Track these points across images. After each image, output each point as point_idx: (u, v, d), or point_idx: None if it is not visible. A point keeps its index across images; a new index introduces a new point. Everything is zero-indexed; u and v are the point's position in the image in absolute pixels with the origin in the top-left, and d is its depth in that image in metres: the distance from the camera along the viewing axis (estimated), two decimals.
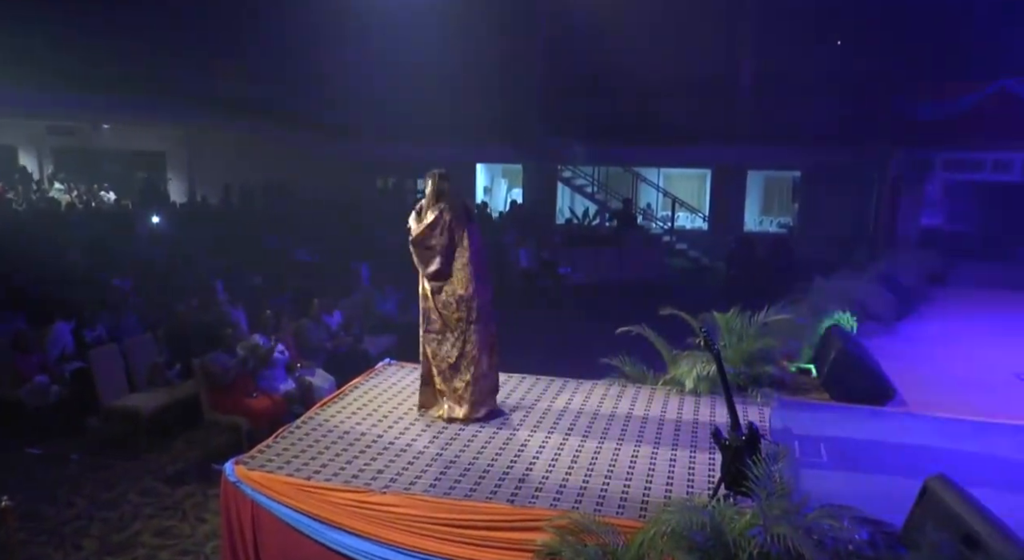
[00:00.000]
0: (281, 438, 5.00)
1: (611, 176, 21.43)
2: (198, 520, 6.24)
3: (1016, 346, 8.24)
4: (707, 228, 21.02)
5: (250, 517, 4.48)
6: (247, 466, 4.57)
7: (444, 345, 5.47)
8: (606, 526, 3.94)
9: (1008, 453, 5.18)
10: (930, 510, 3.65)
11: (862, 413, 5.89)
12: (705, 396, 6.08)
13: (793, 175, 20.65)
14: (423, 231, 5.36)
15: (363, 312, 10.29)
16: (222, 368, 7.21)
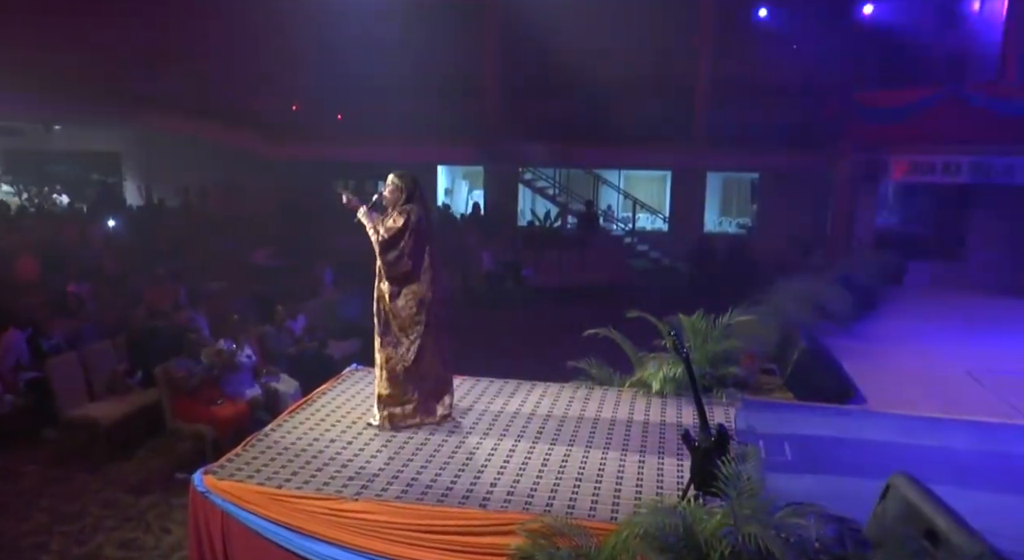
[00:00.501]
0: (250, 446, 4.95)
1: (572, 178, 21.54)
2: (162, 531, 6.14)
3: (968, 344, 8.50)
4: (667, 229, 21.24)
5: (220, 528, 4.42)
6: (216, 475, 4.50)
7: (400, 348, 5.37)
8: (578, 529, 3.97)
9: (963, 449, 5.34)
10: (894, 507, 3.76)
11: (824, 412, 6.02)
12: (671, 397, 6.15)
13: (752, 177, 20.97)
14: (394, 234, 5.27)
15: (327, 316, 10.21)
16: (186, 375, 7.10)
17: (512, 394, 6.20)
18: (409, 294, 5.32)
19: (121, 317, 9.40)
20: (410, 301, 5.32)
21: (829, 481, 4.83)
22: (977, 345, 8.44)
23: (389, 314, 5.38)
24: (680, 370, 6.19)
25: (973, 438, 5.50)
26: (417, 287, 5.33)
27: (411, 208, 5.31)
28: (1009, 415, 6.12)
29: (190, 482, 4.55)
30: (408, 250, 5.27)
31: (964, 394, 6.75)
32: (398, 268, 5.30)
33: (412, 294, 5.32)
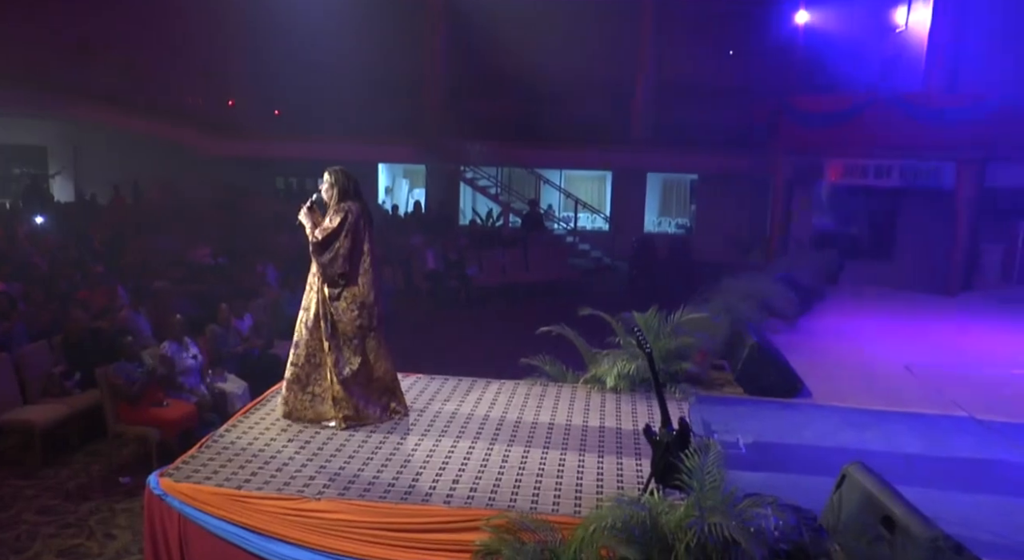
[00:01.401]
0: (205, 447, 4.83)
1: (514, 177, 21.62)
2: (107, 537, 5.95)
3: (904, 340, 8.84)
4: (608, 229, 21.49)
5: (177, 532, 4.30)
6: (172, 478, 4.38)
7: (346, 351, 5.24)
8: (543, 523, 3.99)
9: (905, 440, 5.56)
10: (849, 495, 3.89)
11: (774, 406, 6.20)
12: (625, 393, 6.24)
13: (691, 178, 21.37)
14: (329, 233, 5.14)
15: (272, 315, 10.02)
16: (128, 378, 6.88)
17: (468, 392, 6.19)
18: (350, 297, 5.21)
19: (55, 318, 9.04)
20: (351, 304, 5.21)
21: (781, 473, 4.96)
22: (912, 341, 8.78)
23: (332, 317, 5.23)
24: (634, 366, 6.32)
25: (915, 430, 5.73)
26: (358, 290, 5.21)
27: (347, 206, 5.19)
28: (946, 408, 6.38)
29: (145, 485, 4.41)
30: (344, 252, 5.14)
31: (904, 388, 7.01)
32: (333, 269, 5.16)
33: (352, 297, 5.20)
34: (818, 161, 14.25)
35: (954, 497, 4.69)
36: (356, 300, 5.22)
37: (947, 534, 3.25)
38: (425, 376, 6.53)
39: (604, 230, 21.58)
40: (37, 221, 15.15)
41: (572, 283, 16.39)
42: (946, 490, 4.78)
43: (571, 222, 21.07)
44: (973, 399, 6.62)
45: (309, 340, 5.28)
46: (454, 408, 5.78)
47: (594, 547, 3.78)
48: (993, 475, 5.17)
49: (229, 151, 20.38)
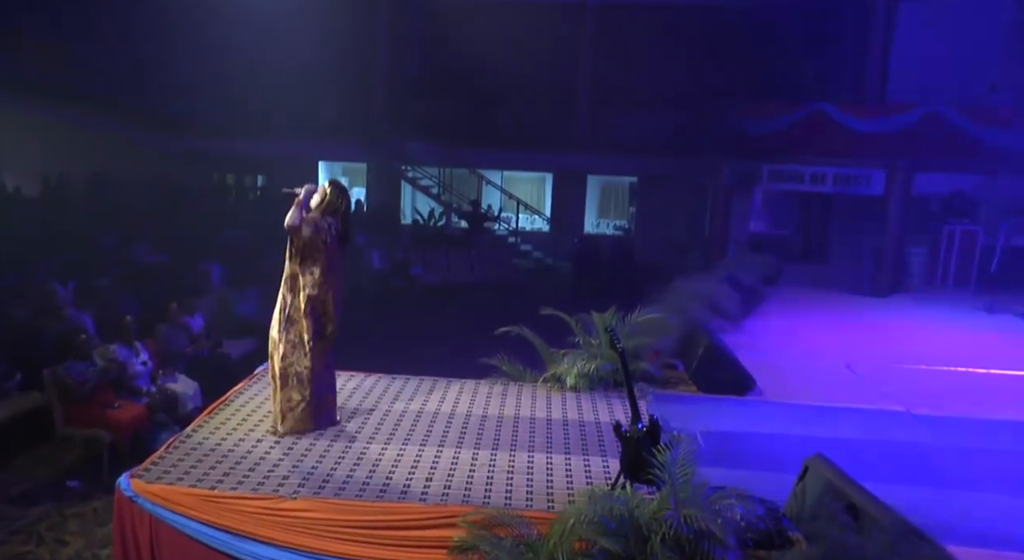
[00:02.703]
0: (173, 448, 4.78)
1: (455, 177, 21.66)
2: (58, 543, 5.79)
3: (843, 339, 9.25)
4: (548, 230, 21.71)
5: (148, 534, 4.25)
6: (143, 479, 4.33)
7: (295, 352, 5.20)
8: (519, 519, 4.10)
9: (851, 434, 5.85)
10: (812, 486, 4.10)
11: (727, 403, 6.43)
12: (585, 392, 6.38)
13: (630, 181, 21.75)
14: (303, 222, 5.12)
15: (220, 314, 9.86)
16: (79, 378, 6.71)
17: (430, 391, 6.24)
18: (306, 299, 5.18)
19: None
20: (308, 308, 5.18)
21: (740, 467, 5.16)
22: (850, 340, 9.19)
23: (289, 318, 5.23)
24: (594, 366, 6.47)
25: (859, 424, 6.04)
26: (320, 294, 5.17)
27: (330, 221, 5.21)
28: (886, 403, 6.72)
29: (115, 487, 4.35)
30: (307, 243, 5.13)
31: (846, 385, 7.36)
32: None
33: (309, 296, 5.17)
34: (756, 167, 14.71)
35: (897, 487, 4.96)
36: (313, 300, 5.17)
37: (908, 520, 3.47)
38: (386, 376, 6.55)
39: (544, 231, 21.79)
40: None
41: (516, 283, 16.54)
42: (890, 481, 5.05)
43: (510, 223, 21.22)
44: (909, 395, 6.99)
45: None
46: (419, 407, 5.82)
47: (570, 540, 3.91)
48: (931, 466, 5.49)
49: (166, 145, 19.87)
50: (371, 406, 5.77)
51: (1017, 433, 6.17)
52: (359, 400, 5.89)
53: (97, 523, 6.06)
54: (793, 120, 14.24)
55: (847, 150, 13.88)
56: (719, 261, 13.62)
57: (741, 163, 15.03)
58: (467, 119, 20.18)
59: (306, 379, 5.15)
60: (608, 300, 7.41)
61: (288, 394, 5.15)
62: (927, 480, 5.21)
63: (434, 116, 20.04)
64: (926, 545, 3.33)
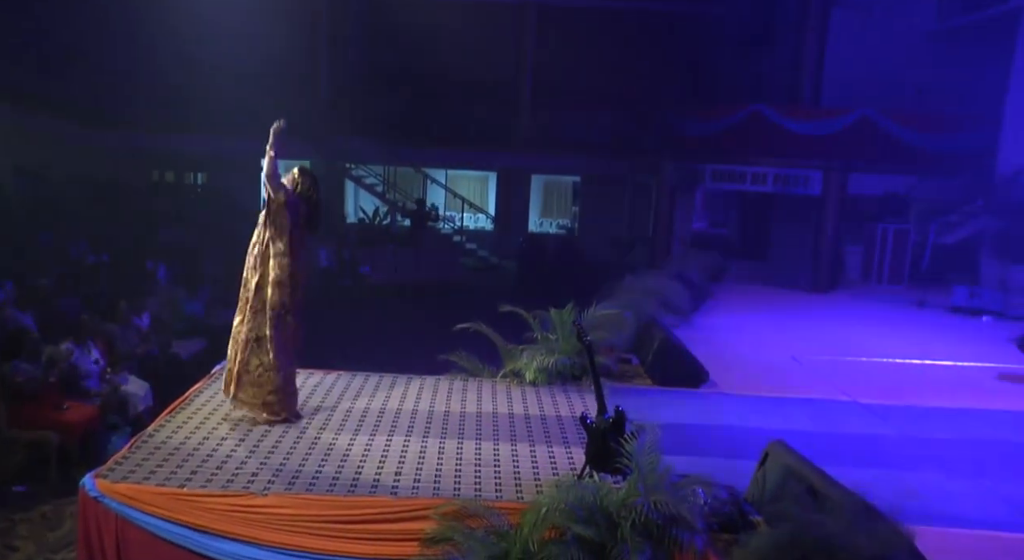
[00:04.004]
0: (136, 447, 4.70)
1: (400, 175, 21.59)
2: (8, 549, 5.63)
3: (786, 332, 9.59)
4: (493, 228, 21.81)
5: (114, 535, 4.18)
6: (109, 479, 4.26)
7: (258, 316, 5.23)
8: (490, 509, 4.18)
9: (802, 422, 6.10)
10: (773, 471, 4.28)
11: (682, 395, 6.62)
12: (543, 386, 6.48)
13: (573, 180, 22.00)
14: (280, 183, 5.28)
15: (168, 314, 9.67)
16: (26, 378, 6.53)
17: (391, 388, 6.26)
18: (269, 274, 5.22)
19: None
20: (272, 272, 5.22)
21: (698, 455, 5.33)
22: (793, 334, 9.53)
23: (250, 300, 5.26)
24: (552, 361, 6.59)
25: (809, 413, 6.29)
26: (279, 257, 5.21)
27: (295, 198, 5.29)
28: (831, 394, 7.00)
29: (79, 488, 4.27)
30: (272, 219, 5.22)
31: (793, 376, 7.64)
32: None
33: (274, 264, 5.21)
34: (698, 166, 15.07)
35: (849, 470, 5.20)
36: (278, 273, 5.21)
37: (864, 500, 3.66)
38: (346, 373, 6.55)
39: (488, 229, 21.87)
40: None
41: (462, 282, 16.59)
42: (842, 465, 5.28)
43: (456, 221, 21.24)
44: (853, 385, 7.30)
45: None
46: (380, 404, 5.85)
47: (544, 528, 4.01)
48: (878, 450, 5.77)
49: (101, 141, 19.29)
50: (334, 402, 5.77)
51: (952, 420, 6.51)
52: (321, 396, 5.88)
53: (47, 528, 5.92)
54: (732, 121, 14.61)
55: (785, 151, 14.31)
56: (665, 259, 13.91)
57: (683, 163, 15.36)
58: (410, 117, 20.13)
59: (267, 346, 5.19)
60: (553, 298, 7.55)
61: (246, 357, 5.20)
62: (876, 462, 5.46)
63: (377, 114, 19.92)
64: (882, 523, 3.52)
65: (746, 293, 12.14)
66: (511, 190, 21.72)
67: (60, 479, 6.51)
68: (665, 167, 15.81)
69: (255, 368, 5.21)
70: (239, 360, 5.25)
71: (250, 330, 5.22)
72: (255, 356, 5.22)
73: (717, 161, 14.86)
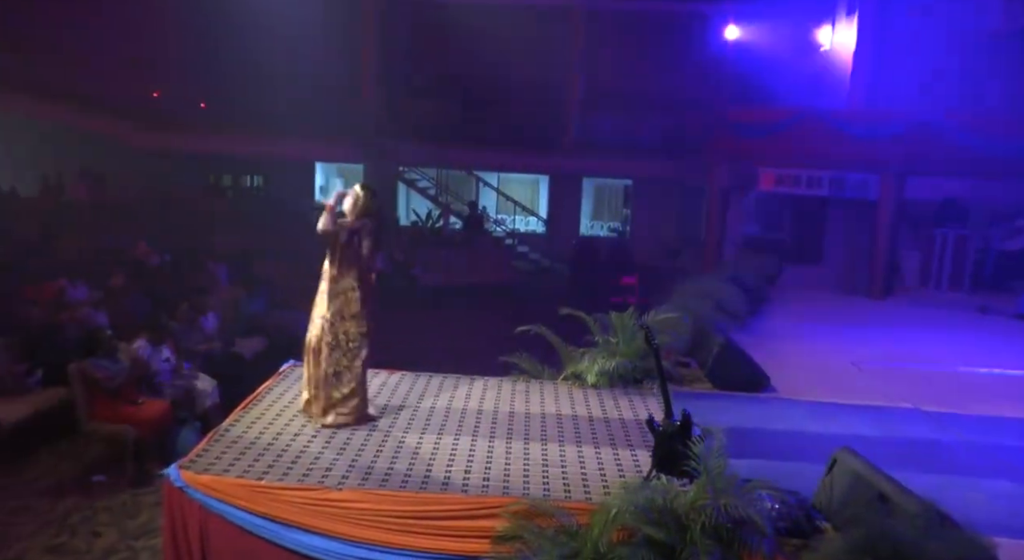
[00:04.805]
0: (214, 442, 4.88)
1: (452, 178, 21.80)
2: (92, 535, 5.86)
3: (845, 338, 9.47)
4: (542, 231, 21.88)
5: (198, 524, 4.36)
6: (191, 470, 4.44)
7: (335, 353, 5.35)
8: (560, 509, 4.26)
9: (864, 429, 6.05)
10: (841, 478, 4.27)
11: (743, 400, 6.61)
12: (605, 389, 6.54)
13: (625, 183, 21.97)
14: (337, 227, 5.28)
15: (229, 314, 9.93)
16: (107, 374, 6.78)
17: (455, 388, 6.38)
18: (343, 300, 5.35)
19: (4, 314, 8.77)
20: (344, 307, 5.35)
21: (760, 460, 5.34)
22: (853, 340, 9.40)
23: (326, 321, 5.38)
24: (614, 364, 6.64)
25: (871, 420, 6.23)
26: (349, 300, 5.34)
27: (366, 222, 5.38)
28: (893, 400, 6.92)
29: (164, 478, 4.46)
30: (340, 256, 5.32)
31: (854, 383, 7.56)
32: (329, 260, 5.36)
33: (346, 303, 5.34)
34: (752, 170, 14.94)
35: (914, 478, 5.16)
36: (347, 309, 5.34)
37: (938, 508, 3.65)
38: (410, 373, 6.68)
39: (539, 232, 21.95)
40: None
41: (514, 284, 16.69)
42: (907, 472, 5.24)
43: (508, 224, 21.36)
44: (915, 391, 7.21)
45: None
46: (446, 403, 5.96)
47: (614, 529, 4.07)
48: (942, 459, 5.70)
49: (161, 145, 19.84)
50: (400, 402, 5.90)
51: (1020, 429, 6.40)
52: (388, 396, 6.02)
53: (127, 516, 6.15)
54: (787, 124, 14.46)
55: (841, 155, 14.11)
56: (718, 262, 13.83)
57: (736, 166, 15.25)
58: (463, 121, 20.33)
59: (354, 376, 5.34)
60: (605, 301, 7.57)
61: (328, 392, 5.31)
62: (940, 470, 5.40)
63: (430, 117, 20.16)
64: (959, 532, 3.50)
65: (801, 298, 12.01)
66: (562, 193, 21.78)
67: (136, 471, 6.76)
68: (718, 170, 15.71)
69: (336, 398, 5.35)
70: (324, 396, 5.33)
71: (328, 365, 5.33)
72: (335, 389, 5.35)
73: (771, 164, 14.71)
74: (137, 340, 7.32)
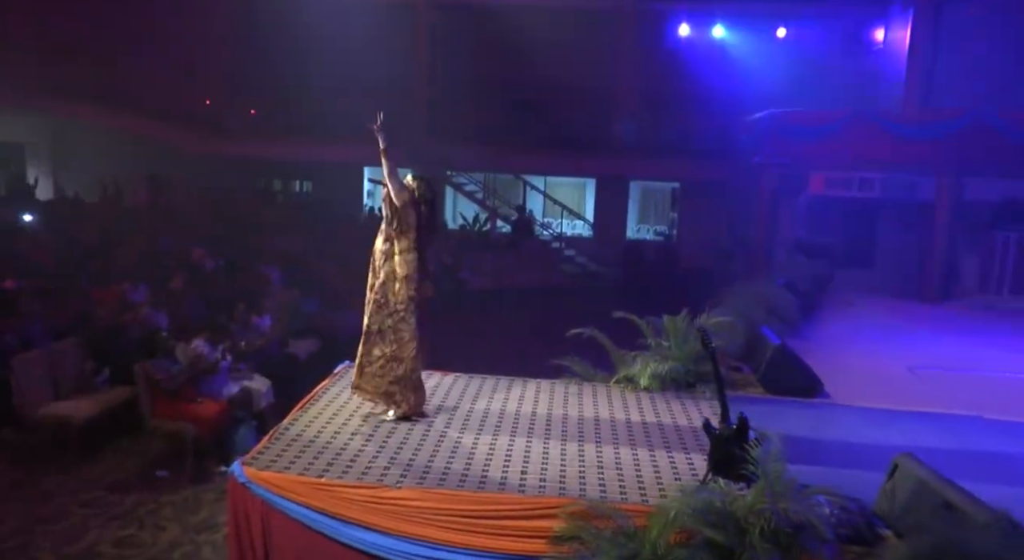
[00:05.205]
0: (274, 440, 4.99)
1: (499, 182, 21.90)
2: (157, 528, 6.07)
3: (900, 343, 9.29)
4: (588, 234, 21.86)
5: (260, 519, 4.47)
6: (255, 466, 4.55)
7: (381, 311, 5.48)
8: (617, 511, 4.26)
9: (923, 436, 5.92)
10: (903, 484, 4.21)
11: (796, 405, 6.54)
12: (657, 393, 6.53)
13: (672, 186, 21.84)
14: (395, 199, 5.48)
15: (284, 315, 10.13)
16: (166, 375, 6.99)
17: (508, 389, 6.43)
18: (396, 259, 5.45)
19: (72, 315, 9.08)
20: (395, 279, 5.46)
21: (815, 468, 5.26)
22: (908, 345, 9.23)
23: (374, 302, 5.50)
24: (666, 367, 6.62)
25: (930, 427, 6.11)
26: (402, 253, 5.44)
27: (421, 209, 5.55)
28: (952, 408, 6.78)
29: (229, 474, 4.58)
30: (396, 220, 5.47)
31: (911, 389, 7.42)
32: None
33: (397, 260, 5.45)
34: (803, 172, 14.75)
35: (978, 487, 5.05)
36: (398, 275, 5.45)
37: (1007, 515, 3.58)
38: (463, 374, 6.75)
39: (585, 236, 21.94)
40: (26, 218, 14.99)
41: (562, 288, 16.70)
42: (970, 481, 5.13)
43: (554, 228, 21.39)
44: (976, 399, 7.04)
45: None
46: (500, 405, 6.01)
47: (672, 531, 4.07)
48: (1009, 470, 5.56)
49: (214, 150, 20.32)
50: (454, 403, 5.97)
51: None
52: (442, 397, 6.09)
53: (189, 511, 6.34)
54: (839, 126, 14.25)
55: (894, 156, 13.85)
56: (768, 266, 13.67)
57: (787, 169, 15.06)
58: (510, 125, 20.43)
59: (390, 337, 5.46)
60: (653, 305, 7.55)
61: (368, 349, 5.49)
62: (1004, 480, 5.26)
63: (478, 122, 20.30)
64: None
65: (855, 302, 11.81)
66: (609, 196, 21.74)
67: (196, 467, 6.96)
68: (767, 173, 15.54)
69: (376, 359, 5.50)
70: (361, 352, 5.56)
71: (372, 322, 5.52)
72: (376, 347, 5.51)
73: (821, 166, 14.52)
74: (195, 341, 7.52)
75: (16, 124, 20.72)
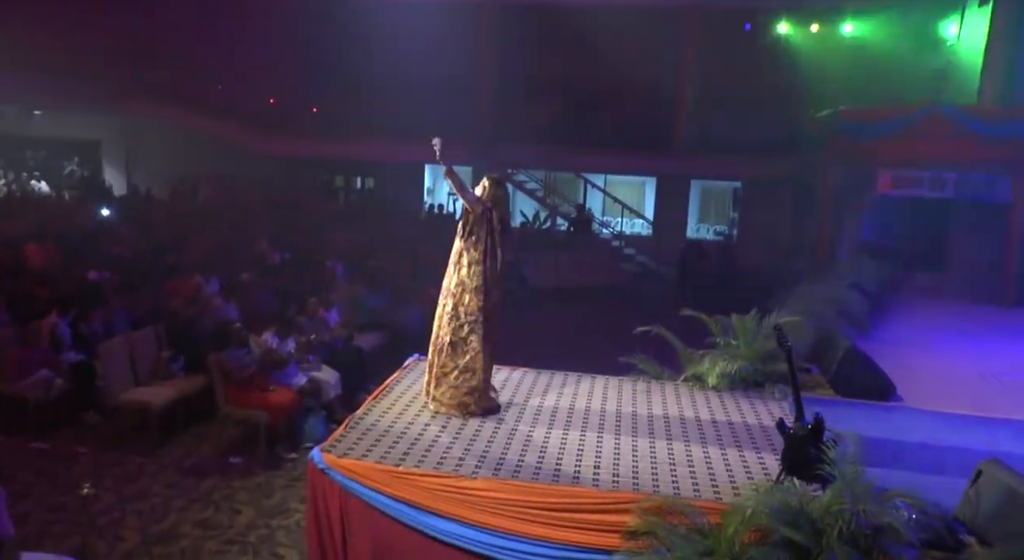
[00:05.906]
0: (350, 429, 5.11)
1: (559, 180, 21.92)
2: (233, 511, 6.25)
3: (975, 348, 9.05)
4: (648, 233, 21.72)
5: (338, 505, 4.59)
6: (333, 453, 4.68)
7: (452, 322, 5.52)
8: (691, 508, 4.26)
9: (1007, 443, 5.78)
10: (988, 490, 4.13)
11: (868, 408, 6.43)
12: (726, 391, 6.48)
13: (732, 185, 21.57)
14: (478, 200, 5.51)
15: (350, 309, 10.33)
16: (239, 365, 7.21)
17: (577, 384, 6.45)
18: (468, 270, 5.51)
19: (148, 306, 9.42)
20: (467, 289, 5.53)
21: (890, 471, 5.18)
22: (981, 350, 8.98)
23: (451, 307, 5.56)
24: (736, 366, 6.57)
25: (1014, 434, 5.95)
26: (473, 265, 5.50)
27: (490, 208, 5.56)
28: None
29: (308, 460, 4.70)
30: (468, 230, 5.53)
31: (986, 395, 7.23)
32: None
33: (468, 271, 5.51)
34: (869, 171, 14.41)
35: None
36: (469, 292, 5.51)
37: None
38: (531, 370, 6.80)
39: (645, 235, 21.81)
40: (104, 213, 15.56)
41: (622, 287, 16.64)
42: None
43: (613, 226, 21.32)
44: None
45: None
46: (569, 401, 6.04)
47: (747, 530, 4.05)
48: None
49: (280, 150, 20.78)
50: (524, 397, 6.03)
51: None
52: (511, 391, 6.15)
53: (263, 495, 6.52)
54: (909, 123, 13.87)
55: (968, 154, 13.44)
56: (834, 267, 13.40)
57: (853, 167, 14.73)
58: (570, 123, 20.43)
59: (463, 349, 5.52)
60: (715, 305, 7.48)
61: (443, 360, 5.54)
62: None
63: (538, 120, 20.34)
64: None
65: (925, 305, 11.54)
66: (670, 195, 21.59)
67: (268, 454, 7.16)
68: (832, 172, 15.22)
69: (451, 371, 5.54)
70: (437, 364, 5.59)
71: (446, 334, 5.56)
72: (451, 359, 5.55)
73: (890, 165, 14.16)
74: (266, 333, 7.72)
75: (94, 123, 21.55)
